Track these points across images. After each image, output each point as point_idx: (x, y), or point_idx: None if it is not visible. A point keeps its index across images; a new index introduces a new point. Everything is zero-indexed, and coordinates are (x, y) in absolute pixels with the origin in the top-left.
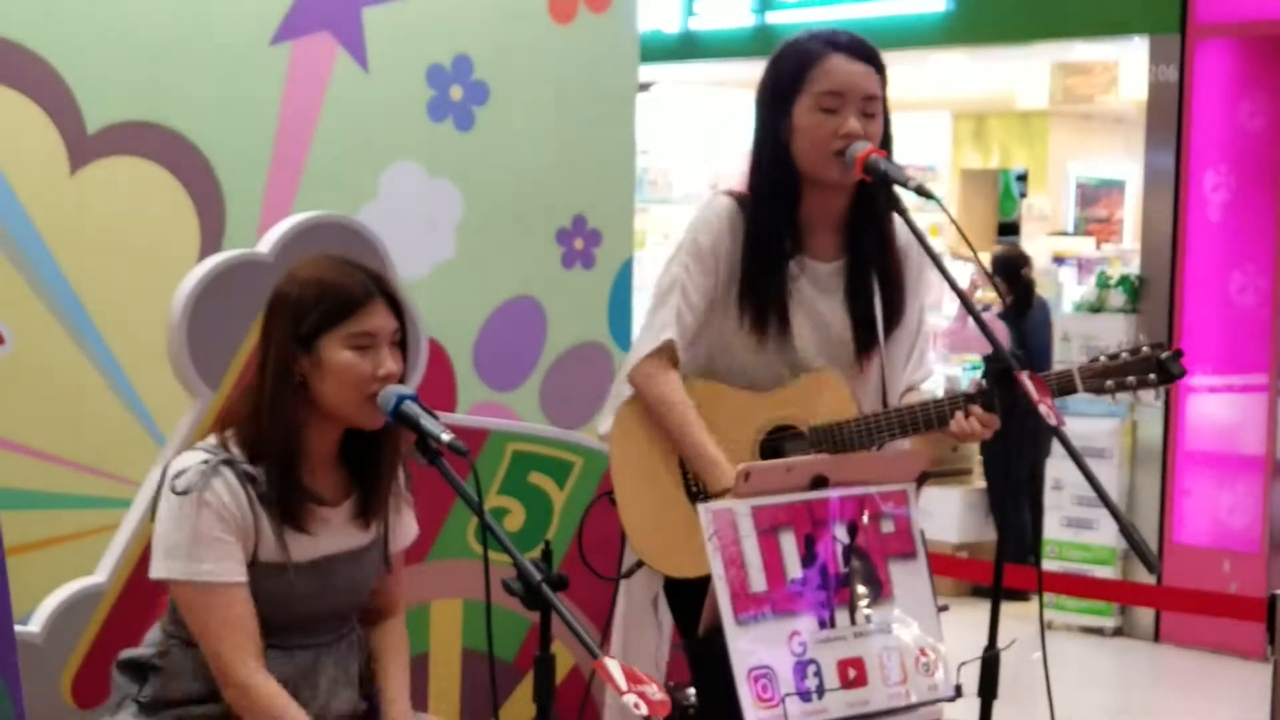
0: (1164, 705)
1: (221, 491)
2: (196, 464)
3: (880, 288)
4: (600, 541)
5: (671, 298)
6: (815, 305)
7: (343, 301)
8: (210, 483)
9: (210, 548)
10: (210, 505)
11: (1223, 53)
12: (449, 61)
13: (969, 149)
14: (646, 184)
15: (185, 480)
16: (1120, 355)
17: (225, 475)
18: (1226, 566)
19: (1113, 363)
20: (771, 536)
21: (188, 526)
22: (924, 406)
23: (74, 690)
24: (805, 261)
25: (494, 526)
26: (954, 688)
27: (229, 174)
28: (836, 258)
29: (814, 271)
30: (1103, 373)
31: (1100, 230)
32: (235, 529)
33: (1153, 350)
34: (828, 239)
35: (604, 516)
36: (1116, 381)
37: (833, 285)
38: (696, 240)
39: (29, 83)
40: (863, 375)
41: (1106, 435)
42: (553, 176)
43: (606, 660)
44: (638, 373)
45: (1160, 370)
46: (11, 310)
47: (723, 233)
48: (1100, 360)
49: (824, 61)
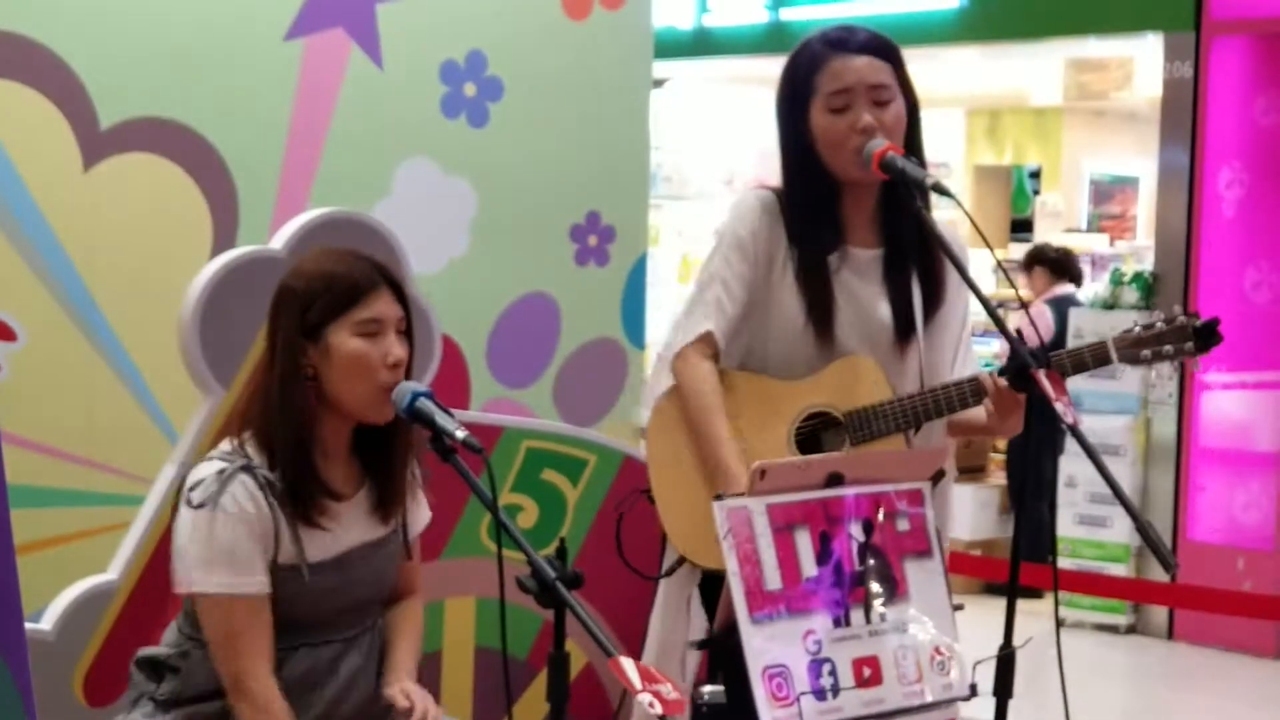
0: (1177, 703)
1: (240, 498)
2: (212, 474)
3: (919, 275)
4: (628, 539)
5: (712, 289)
6: (859, 294)
7: (348, 289)
8: (226, 491)
9: (227, 560)
10: (228, 514)
11: (1238, 49)
12: (463, 58)
13: (983, 145)
14: (660, 180)
15: (200, 493)
16: (1155, 324)
17: (243, 481)
18: (1240, 564)
19: (1147, 332)
20: (787, 534)
21: (202, 539)
22: (958, 384)
23: (86, 688)
24: (847, 251)
25: (509, 524)
26: (969, 686)
27: (242, 170)
28: (877, 246)
29: (855, 260)
30: (1137, 342)
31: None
32: (255, 535)
33: (1188, 319)
34: (866, 228)
35: (635, 514)
36: (1153, 351)
37: (873, 272)
38: (736, 233)
39: (43, 79)
40: (903, 363)
41: (1120, 432)
42: (567, 173)
43: (621, 659)
44: (678, 361)
45: (1197, 338)
46: (25, 306)
47: (761, 224)
48: (1135, 330)
49: (827, 64)
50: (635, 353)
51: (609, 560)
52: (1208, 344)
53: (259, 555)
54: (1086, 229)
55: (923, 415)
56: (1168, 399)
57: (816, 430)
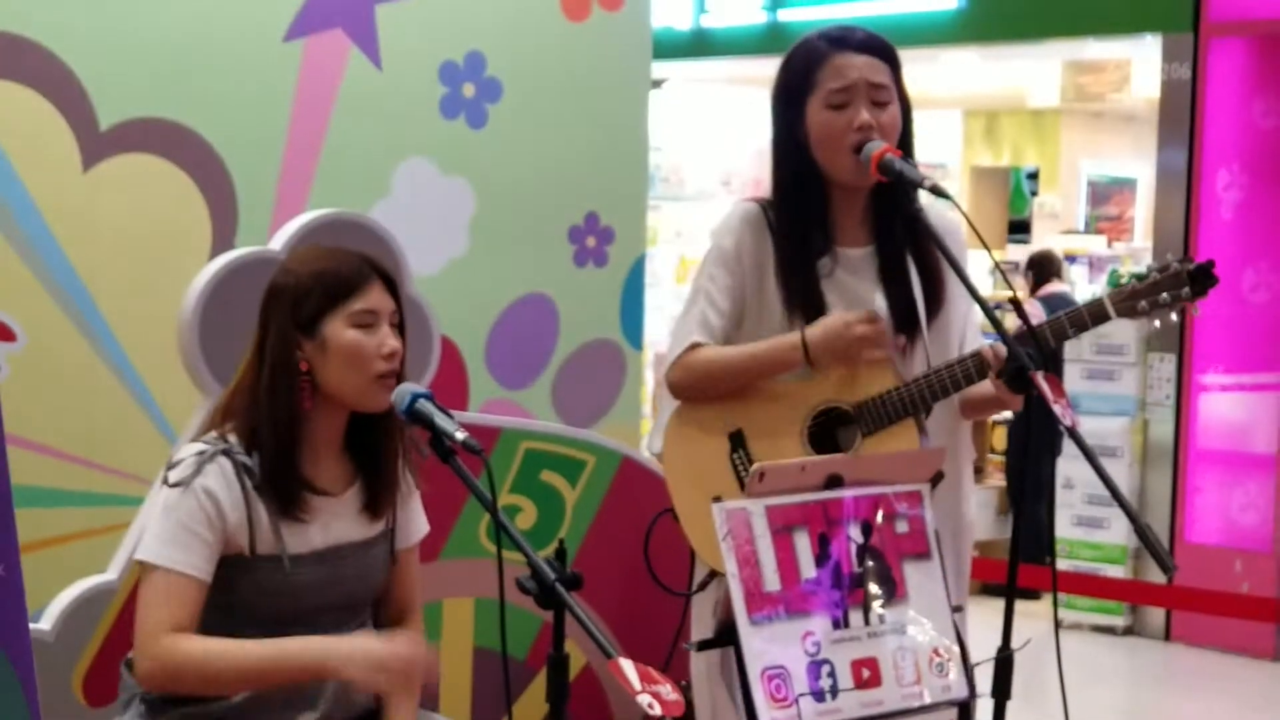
0: (1174, 705)
1: (214, 482)
2: (191, 455)
3: (917, 268)
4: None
5: (696, 305)
6: (853, 290)
7: (342, 282)
8: (202, 472)
9: (184, 539)
10: (198, 497)
11: (1236, 51)
12: (462, 58)
13: (980, 147)
14: (658, 181)
15: (178, 472)
16: (1150, 275)
17: (221, 465)
18: (1238, 566)
19: (1142, 283)
20: (786, 536)
21: (172, 517)
22: (960, 360)
23: (85, 688)
24: (838, 252)
25: (508, 526)
26: (969, 688)
27: (242, 171)
28: (868, 243)
29: (848, 259)
30: (1132, 295)
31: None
32: (220, 524)
33: (1182, 264)
34: (856, 229)
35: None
36: (1149, 301)
37: (867, 268)
38: (720, 245)
39: (42, 79)
40: (906, 357)
41: (1118, 434)
42: (565, 174)
43: (621, 660)
44: (671, 374)
45: (1193, 283)
46: (24, 307)
47: (745, 234)
48: (1130, 284)
49: (829, 60)
50: (634, 354)
51: (608, 562)
52: (1204, 286)
53: (214, 544)
54: (1084, 230)
55: (929, 397)
56: (1165, 400)
57: (827, 426)
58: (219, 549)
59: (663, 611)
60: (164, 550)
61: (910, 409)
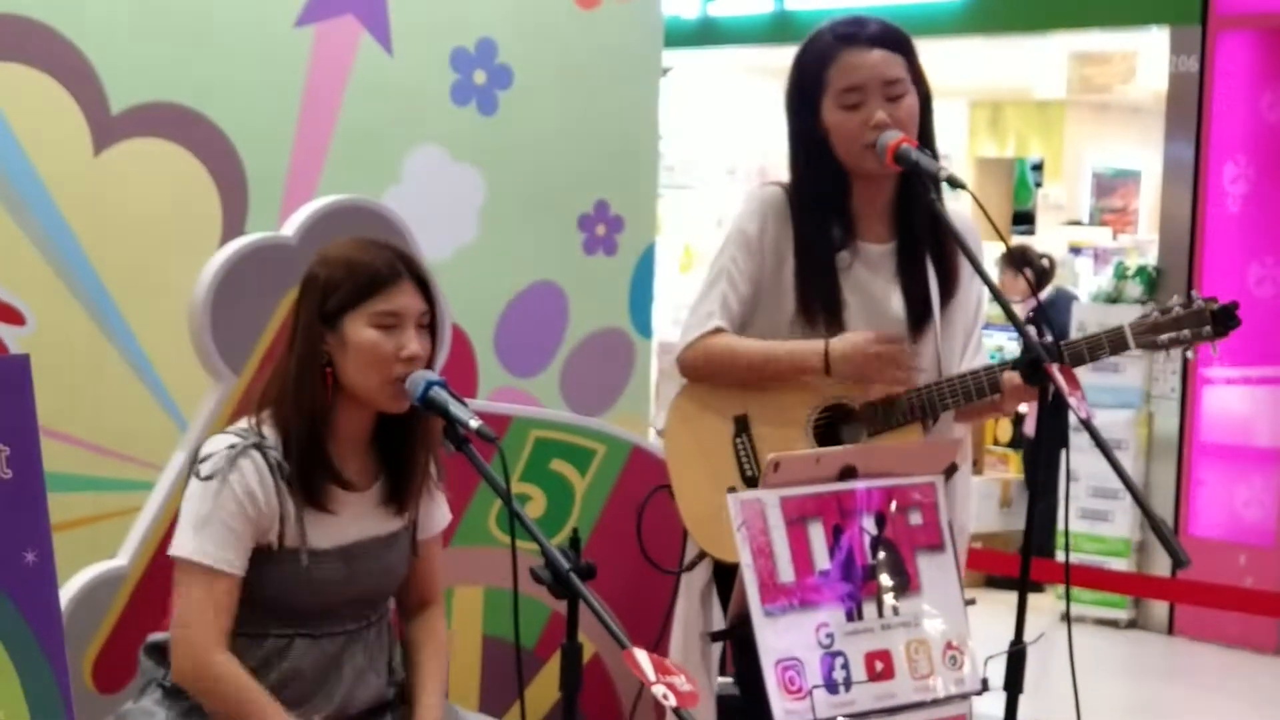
0: (1177, 698)
1: (248, 475)
2: (223, 448)
3: (934, 265)
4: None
5: (718, 286)
6: (870, 288)
7: (368, 279)
8: (235, 467)
9: (218, 533)
10: (233, 491)
11: (1243, 44)
12: (473, 45)
13: (985, 137)
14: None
15: (210, 465)
16: (1173, 309)
17: (253, 458)
18: (1242, 560)
19: (1165, 317)
20: (800, 527)
21: (206, 510)
22: (974, 374)
23: (95, 674)
24: (858, 246)
25: (522, 514)
26: (980, 681)
27: (252, 156)
28: (889, 239)
29: (867, 255)
30: (1154, 328)
31: (1116, 220)
32: (253, 517)
33: (1206, 303)
34: (879, 223)
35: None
36: (1170, 337)
37: (886, 266)
38: (743, 229)
39: (53, 63)
40: (918, 354)
41: (1123, 427)
42: (575, 162)
43: (635, 650)
44: (687, 353)
45: (1215, 322)
46: (34, 292)
47: (768, 219)
48: (1152, 315)
49: (839, 58)
50: (643, 342)
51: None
52: (1226, 328)
53: (247, 539)
54: (1088, 222)
55: (939, 404)
56: (1170, 393)
57: (833, 421)
58: (252, 544)
59: (655, 588)
60: (207, 547)
61: (917, 415)
